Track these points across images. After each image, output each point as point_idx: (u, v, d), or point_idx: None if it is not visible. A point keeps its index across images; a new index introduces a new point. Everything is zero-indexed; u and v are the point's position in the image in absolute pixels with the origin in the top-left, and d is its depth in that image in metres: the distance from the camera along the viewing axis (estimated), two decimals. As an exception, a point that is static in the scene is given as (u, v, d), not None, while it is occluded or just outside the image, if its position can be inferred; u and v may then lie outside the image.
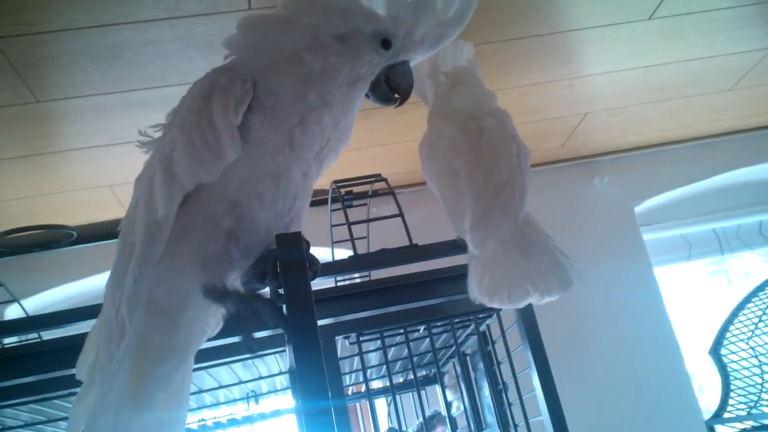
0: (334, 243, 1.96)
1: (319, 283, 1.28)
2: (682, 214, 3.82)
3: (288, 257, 0.98)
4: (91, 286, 3.24)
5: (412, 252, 1.47)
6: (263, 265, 1.06)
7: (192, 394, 1.66)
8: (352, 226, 1.58)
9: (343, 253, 1.87)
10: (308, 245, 1.04)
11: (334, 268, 1.49)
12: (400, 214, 1.51)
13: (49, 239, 2.48)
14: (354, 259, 1.46)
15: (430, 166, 1.46)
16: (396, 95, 1.17)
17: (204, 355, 1.44)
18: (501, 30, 2.23)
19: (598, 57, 2.55)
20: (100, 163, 2.56)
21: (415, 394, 1.87)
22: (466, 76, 1.57)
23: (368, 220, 1.87)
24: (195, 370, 1.44)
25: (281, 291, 0.99)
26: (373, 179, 1.86)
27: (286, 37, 1.06)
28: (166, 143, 1.03)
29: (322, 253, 1.92)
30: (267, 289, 1.13)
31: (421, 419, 2.00)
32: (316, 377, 0.89)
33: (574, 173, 3.63)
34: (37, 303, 3.15)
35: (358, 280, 1.99)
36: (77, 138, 2.35)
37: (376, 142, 2.89)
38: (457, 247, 1.49)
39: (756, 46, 2.68)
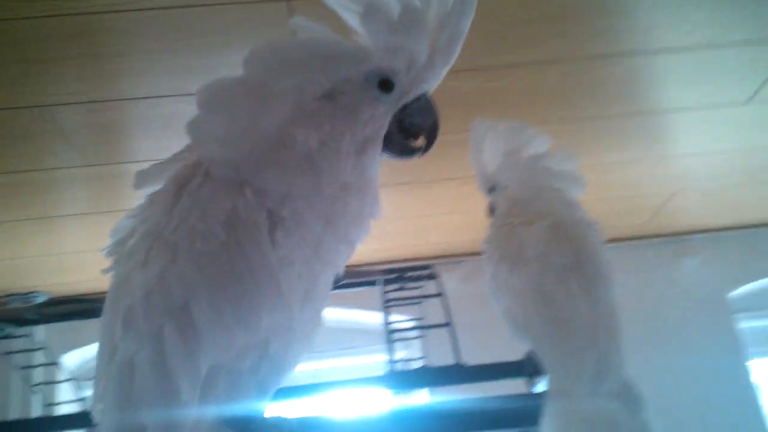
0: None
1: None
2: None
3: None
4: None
5: (459, 373, 1.30)
6: None
7: None
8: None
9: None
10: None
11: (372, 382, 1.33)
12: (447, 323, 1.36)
13: (92, 308, 2.44)
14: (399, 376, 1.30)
15: (511, 278, 1.28)
16: (418, 141, 0.92)
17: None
18: (581, 110, 2.05)
19: (689, 138, 2.32)
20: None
21: None
22: (549, 174, 1.40)
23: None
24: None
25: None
26: (425, 269, 1.73)
27: (266, 113, 0.82)
28: (172, 282, 0.77)
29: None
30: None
31: None
32: None
33: (661, 252, 3.33)
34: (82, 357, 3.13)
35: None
36: (131, 199, 2.31)
37: (417, 213, 2.73)
38: (520, 371, 1.31)
39: None
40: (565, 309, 1.18)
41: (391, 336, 1.40)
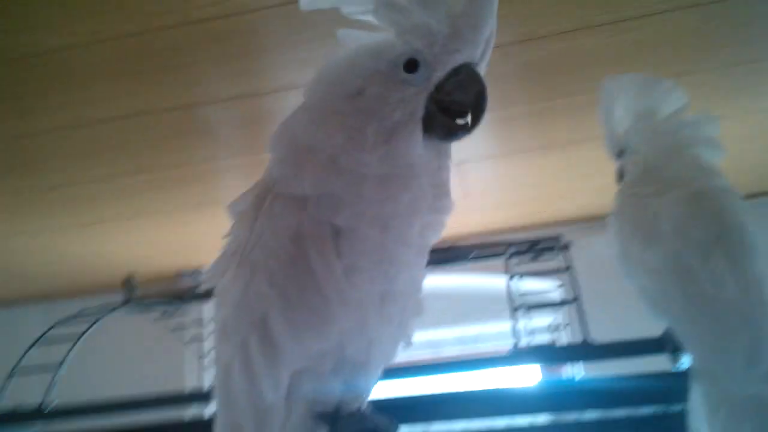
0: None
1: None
2: None
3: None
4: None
5: (587, 351, 1.24)
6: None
7: None
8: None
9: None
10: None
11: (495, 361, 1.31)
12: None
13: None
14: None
15: (646, 254, 1.18)
16: (460, 119, 0.84)
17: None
18: (729, 55, 1.86)
19: None
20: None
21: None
22: (685, 137, 1.29)
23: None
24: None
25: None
26: (555, 240, 1.67)
27: (304, 125, 0.86)
28: (252, 297, 0.84)
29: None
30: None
31: None
32: None
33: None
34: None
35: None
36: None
37: (550, 178, 2.64)
38: (658, 349, 1.24)
39: None
40: (709, 287, 1.07)
41: (518, 308, 1.36)
